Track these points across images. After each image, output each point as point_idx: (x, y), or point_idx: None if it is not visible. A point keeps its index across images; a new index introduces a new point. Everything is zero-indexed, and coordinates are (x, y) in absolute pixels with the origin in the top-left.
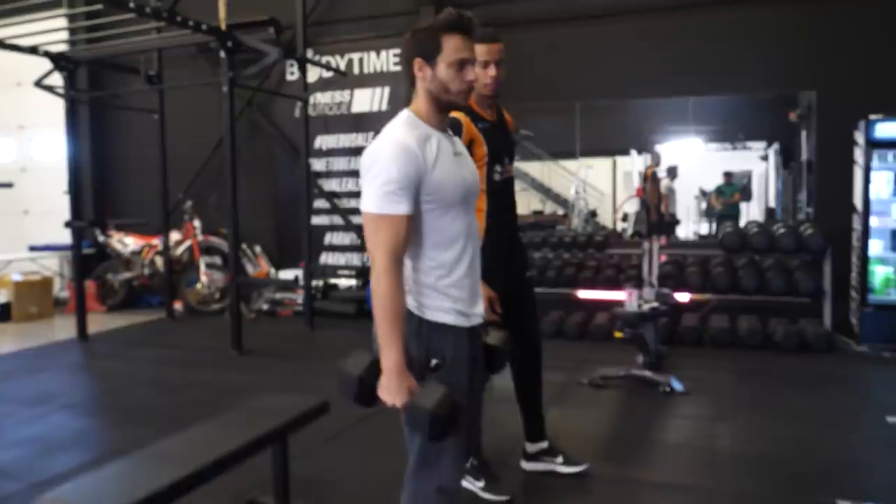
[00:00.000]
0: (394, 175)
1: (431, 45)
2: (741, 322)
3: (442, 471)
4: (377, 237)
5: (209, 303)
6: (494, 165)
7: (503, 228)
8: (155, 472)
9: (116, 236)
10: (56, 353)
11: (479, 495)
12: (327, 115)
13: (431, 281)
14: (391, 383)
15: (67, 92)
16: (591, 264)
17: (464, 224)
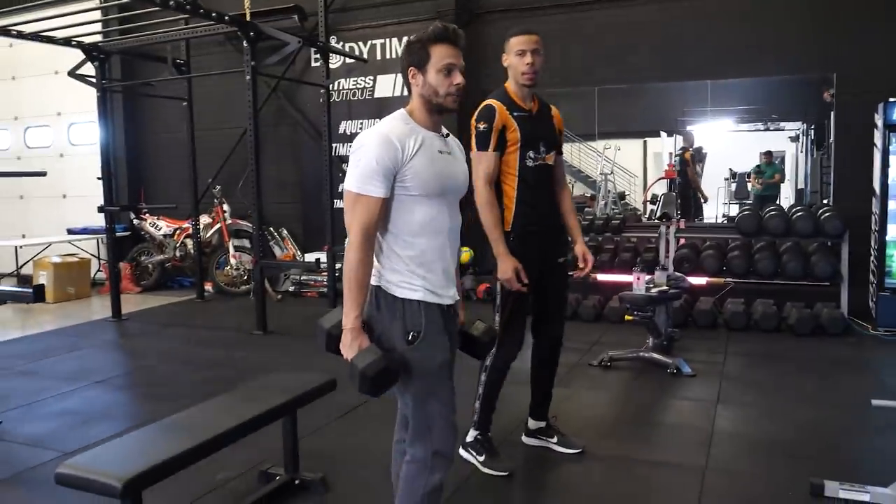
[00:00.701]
0: (372, 162)
1: (422, 55)
2: (756, 306)
3: (434, 437)
4: (354, 213)
5: (238, 284)
6: (527, 152)
7: (533, 214)
8: (173, 439)
9: (149, 220)
10: (92, 332)
11: (480, 469)
12: (351, 101)
13: (404, 262)
14: (346, 340)
15: (99, 81)
16: (608, 247)
17: (439, 215)
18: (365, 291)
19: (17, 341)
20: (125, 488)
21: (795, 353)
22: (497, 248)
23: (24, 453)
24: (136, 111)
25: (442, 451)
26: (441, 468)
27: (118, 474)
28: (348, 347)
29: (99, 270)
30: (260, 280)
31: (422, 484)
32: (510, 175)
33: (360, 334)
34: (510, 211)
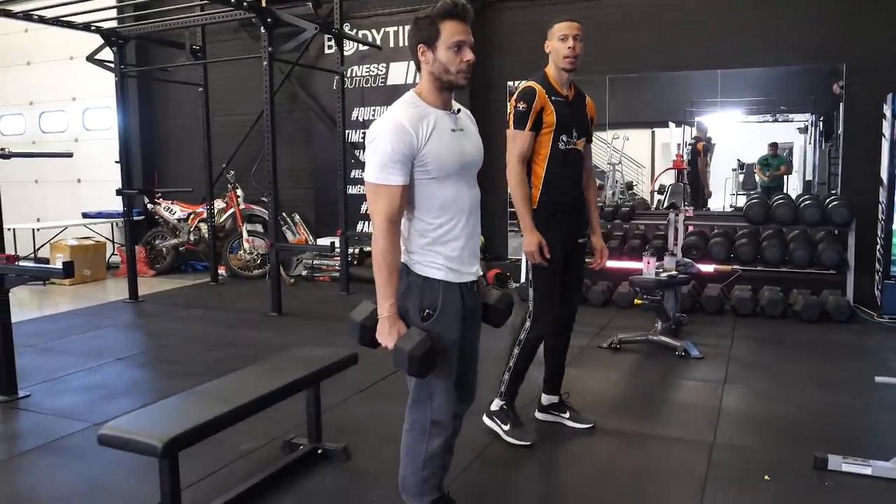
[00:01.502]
0: (389, 150)
1: (431, 32)
2: (763, 292)
3: (434, 407)
4: (376, 203)
5: (251, 268)
6: (560, 135)
7: (559, 194)
8: (206, 406)
9: (164, 204)
10: (109, 313)
11: (504, 438)
12: (364, 88)
13: (425, 241)
14: (384, 328)
15: (117, 66)
16: (617, 234)
17: (459, 192)
18: (397, 278)
19: (36, 321)
20: (165, 448)
21: (801, 339)
22: (524, 223)
23: (55, 424)
24: (151, 96)
25: (440, 420)
26: (439, 435)
27: (158, 435)
28: (387, 335)
29: (113, 254)
30: (275, 263)
31: (422, 450)
32: (542, 155)
33: (397, 321)
34: (537, 189)
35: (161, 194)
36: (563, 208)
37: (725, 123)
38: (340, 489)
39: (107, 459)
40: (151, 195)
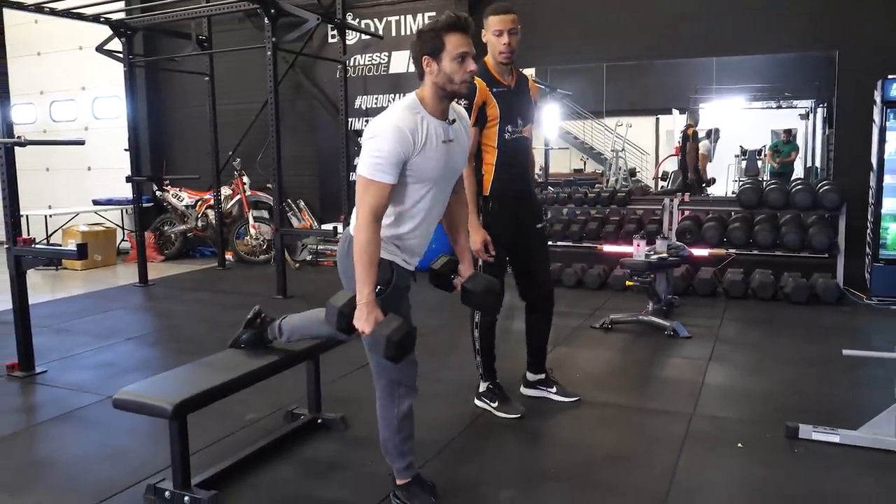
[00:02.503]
0: (385, 152)
1: (436, 44)
2: (755, 275)
3: (397, 370)
4: (364, 197)
5: (257, 253)
6: (506, 125)
7: (509, 182)
8: (213, 374)
9: (172, 191)
10: (120, 296)
11: (495, 414)
12: (366, 76)
13: (388, 230)
14: (362, 314)
15: (126, 56)
16: (613, 219)
17: (431, 199)
18: (376, 268)
19: (48, 303)
20: (175, 410)
21: (789, 319)
22: (471, 221)
23: (70, 397)
24: (159, 86)
25: (404, 381)
26: (407, 396)
27: (169, 399)
28: (365, 321)
29: (123, 240)
30: (280, 247)
31: (394, 412)
32: (490, 147)
33: (375, 308)
34: (489, 175)
35: (169, 181)
36: (514, 194)
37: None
38: (338, 455)
39: (120, 428)
40: (160, 182)
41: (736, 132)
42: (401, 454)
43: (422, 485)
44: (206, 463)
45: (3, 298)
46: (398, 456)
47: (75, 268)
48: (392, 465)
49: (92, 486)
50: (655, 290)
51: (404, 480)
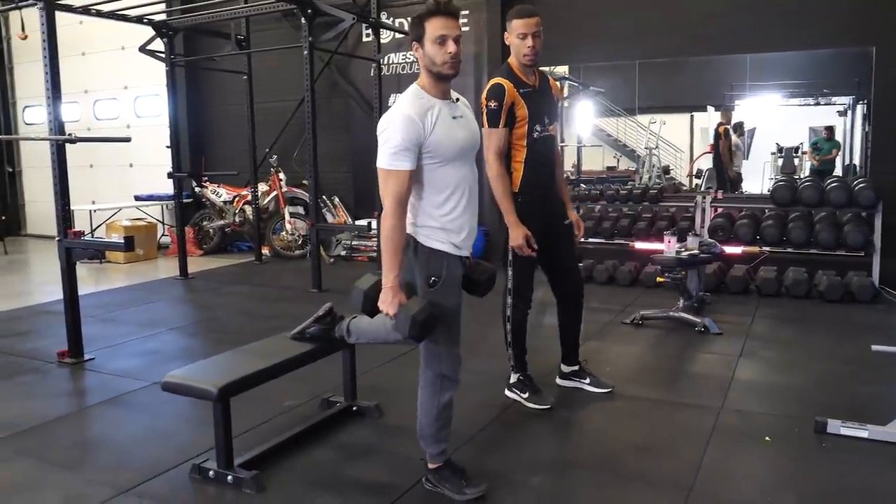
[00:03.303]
0: (398, 140)
1: (419, 30)
2: (788, 273)
3: (442, 364)
4: (386, 187)
5: (293, 248)
6: (534, 125)
7: (538, 179)
8: (254, 360)
9: (211, 187)
10: (162, 288)
11: (525, 405)
12: (400, 74)
13: (431, 219)
14: (387, 297)
15: (168, 56)
16: (646, 216)
17: (459, 175)
18: (402, 254)
19: (93, 295)
20: (220, 393)
21: (822, 317)
22: (508, 217)
23: (118, 382)
24: (198, 85)
25: (449, 375)
26: (449, 388)
27: (214, 382)
28: (390, 303)
29: (164, 234)
30: (316, 242)
31: (436, 403)
32: (519, 146)
33: (399, 291)
34: (518, 173)
35: (208, 178)
36: (543, 191)
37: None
38: (372, 441)
39: (165, 411)
40: (199, 178)
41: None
42: (436, 441)
43: (453, 469)
44: (248, 445)
45: (50, 290)
46: (433, 442)
47: (118, 261)
48: (426, 449)
49: (140, 465)
50: (686, 286)
51: (436, 465)
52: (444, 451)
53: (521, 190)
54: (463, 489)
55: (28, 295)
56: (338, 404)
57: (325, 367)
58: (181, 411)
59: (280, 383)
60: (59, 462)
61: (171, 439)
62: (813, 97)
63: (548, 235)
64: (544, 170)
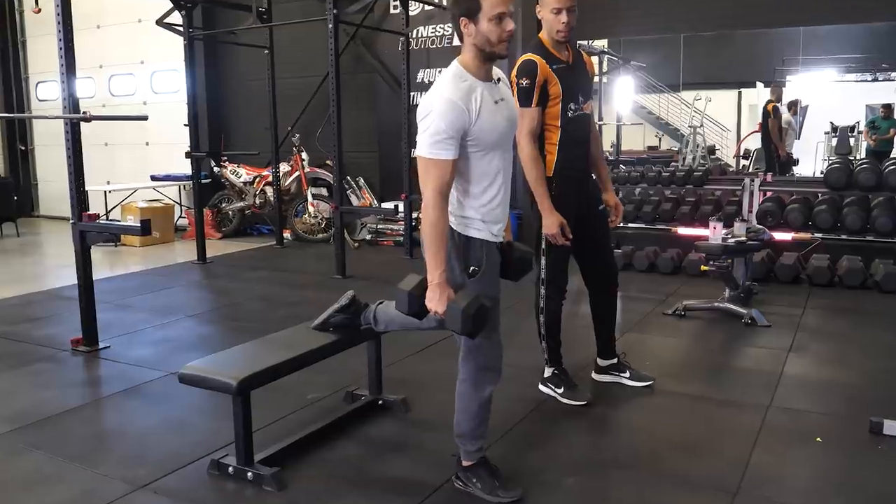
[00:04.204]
0: (442, 127)
1: (472, 5)
2: (842, 261)
3: (484, 354)
4: (427, 176)
5: (315, 232)
6: (568, 103)
7: (573, 161)
8: (276, 351)
9: (230, 167)
10: (179, 273)
11: (560, 400)
12: (430, 49)
13: (470, 209)
14: (434, 295)
15: (186, 30)
16: (689, 200)
17: (499, 162)
18: (446, 247)
19: (108, 280)
20: (239, 386)
21: (878, 309)
22: (542, 204)
23: (134, 372)
24: (218, 59)
25: (491, 367)
26: (491, 381)
27: (233, 374)
28: (437, 301)
29: (181, 216)
30: (340, 226)
31: (476, 398)
32: (553, 126)
33: (447, 288)
34: (552, 156)
35: (227, 157)
36: (578, 175)
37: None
38: (399, 436)
39: (184, 403)
40: (218, 158)
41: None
42: (474, 437)
43: (489, 469)
44: (269, 440)
45: (64, 274)
46: (471, 439)
47: (134, 244)
48: (461, 446)
49: (158, 458)
50: (732, 275)
51: (470, 462)
52: (480, 449)
53: (555, 174)
54: (496, 490)
55: (41, 279)
56: (363, 398)
57: (349, 359)
58: (199, 403)
59: (302, 375)
60: (73, 455)
61: (188, 432)
62: (871, 73)
63: (583, 222)
64: (580, 151)
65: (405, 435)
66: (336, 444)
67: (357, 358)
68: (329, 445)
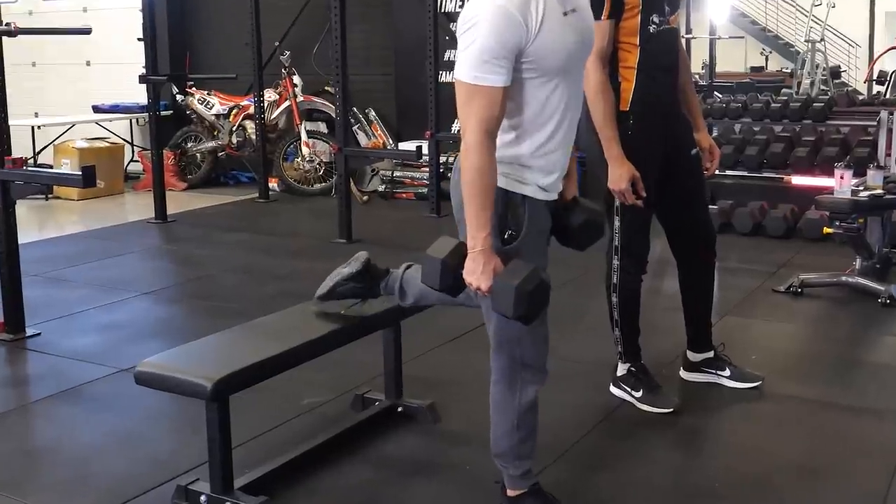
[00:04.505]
0: (491, 43)
1: None
2: None
3: (522, 347)
4: (469, 108)
5: (311, 181)
6: (651, 14)
7: (656, 90)
8: (260, 343)
9: (198, 95)
10: (131, 235)
11: (638, 406)
12: None
13: (512, 149)
14: (476, 265)
15: None
16: (807, 139)
17: (562, 93)
18: (492, 204)
19: (38, 244)
20: (215, 389)
21: None
22: (609, 150)
23: (72, 368)
24: None
25: (533, 364)
26: (534, 382)
27: (207, 374)
28: (481, 274)
29: (133, 159)
30: (345, 173)
31: (514, 404)
32: (630, 45)
33: (493, 256)
34: (629, 84)
35: (194, 83)
36: (662, 108)
37: None
38: (426, 455)
39: (137, 409)
40: (183, 83)
41: None
42: (517, 457)
43: (541, 498)
44: (252, 460)
45: None
46: (513, 459)
47: (71, 197)
48: (504, 470)
49: (106, 484)
50: (865, 240)
51: (518, 491)
52: (527, 473)
53: (632, 108)
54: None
55: None
56: (376, 403)
57: (356, 351)
58: (159, 409)
59: (294, 373)
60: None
61: (144, 449)
62: None
63: (669, 170)
64: (665, 77)
65: (433, 453)
66: (342, 465)
67: (366, 350)
68: (333, 468)
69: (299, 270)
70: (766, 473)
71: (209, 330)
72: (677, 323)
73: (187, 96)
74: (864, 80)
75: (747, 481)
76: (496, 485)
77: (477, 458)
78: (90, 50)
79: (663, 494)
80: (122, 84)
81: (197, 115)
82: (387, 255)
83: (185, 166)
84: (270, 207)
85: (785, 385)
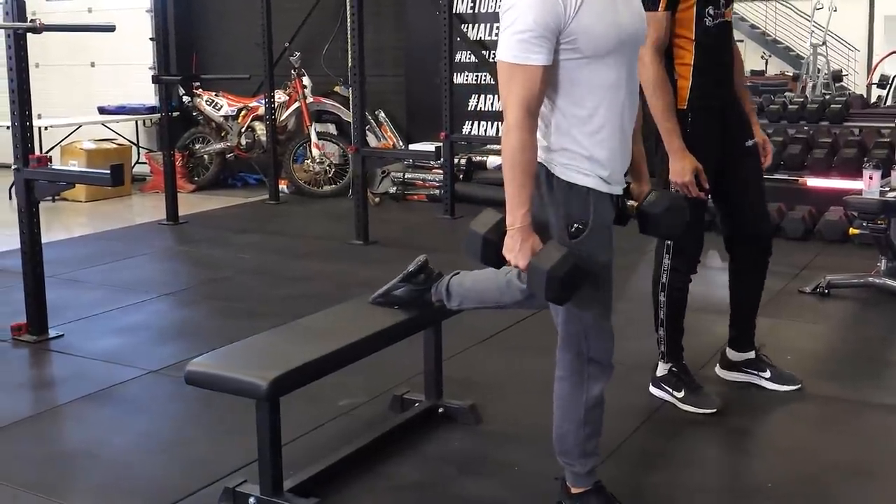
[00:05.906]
0: (530, 22)
1: None
2: None
3: (589, 342)
4: (510, 87)
5: (321, 182)
6: (707, 7)
7: (715, 87)
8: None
9: (206, 96)
10: (143, 237)
11: (680, 407)
12: None
13: (572, 141)
14: (514, 243)
15: None
16: (823, 141)
17: (615, 77)
18: (532, 182)
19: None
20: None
21: None
22: (670, 143)
23: (100, 370)
24: None
25: (599, 359)
26: (600, 378)
27: (262, 373)
28: (518, 251)
29: (139, 161)
30: (362, 174)
31: (582, 399)
32: (685, 39)
33: (531, 234)
34: (686, 82)
35: (201, 84)
36: (721, 103)
37: None
38: (472, 455)
39: (171, 412)
40: (190, 84)
41: None
42: (583, 454)
43: (603, 497)
44: (296, 461)
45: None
46: (580, 456)
47: (78, 199)
48: (569, 467)
49: (146, 487)
50: (891, 241)
51: (582, 489)
52: (593, 471)
53: (689, 105)
54: None
55: None
56: (416, 404)
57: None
58: (192, 411)
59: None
60: (34, 483)
61: (183, 451)
62: None
63: (727, 164)
64: (722, 73)
65: (479, 454)
66: (388, 467)
67: (398, 352)
68: (379, 469)
69: (313, 272)
70: (815, 474)
71: (232, 331)
72: (710, 324)
73: (194, 97)
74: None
75: (799, 480)
76: (556, 481)
77: (523, 457)
78: (94, 51)
79: (717, 495)
80: (127, 85)
81: (204, 117)
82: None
83: (193, 168)
84: (281, 209)
85: (822, 386)
